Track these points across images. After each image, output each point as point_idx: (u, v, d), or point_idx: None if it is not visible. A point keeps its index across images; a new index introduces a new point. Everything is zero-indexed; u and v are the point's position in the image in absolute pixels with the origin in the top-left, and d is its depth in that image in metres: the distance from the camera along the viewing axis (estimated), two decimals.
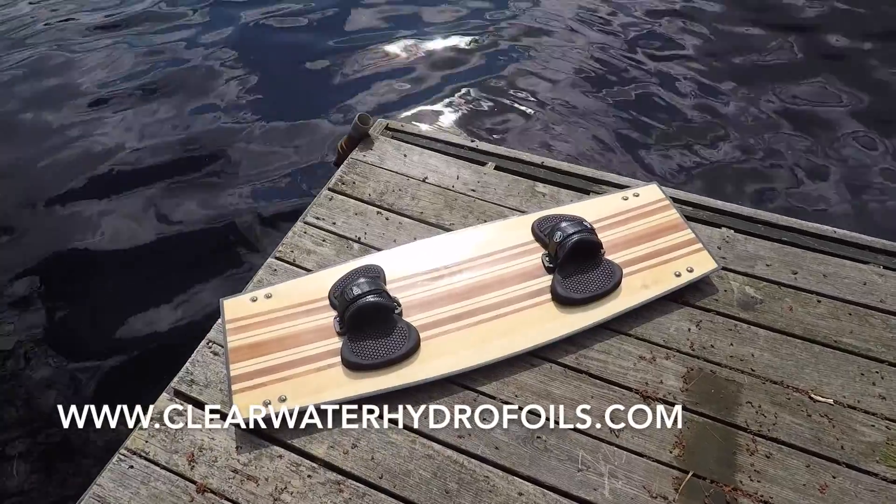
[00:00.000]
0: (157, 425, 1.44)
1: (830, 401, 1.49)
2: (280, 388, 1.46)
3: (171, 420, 1.45)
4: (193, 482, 1.35)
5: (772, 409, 1.47)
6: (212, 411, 1.47)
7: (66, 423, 1.83)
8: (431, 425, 1.45)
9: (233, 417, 1.42)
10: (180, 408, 1.47)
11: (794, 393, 1.50)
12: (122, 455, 1.40)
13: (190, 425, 1.44)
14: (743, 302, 1.69)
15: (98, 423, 1.70)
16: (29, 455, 1.84)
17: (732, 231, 1.88)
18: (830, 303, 1.69)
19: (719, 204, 1.97)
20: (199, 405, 1.48)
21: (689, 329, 1.63)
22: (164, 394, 1.51)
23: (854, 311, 1.67)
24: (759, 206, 2.00)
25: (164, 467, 1.38)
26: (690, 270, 1.70)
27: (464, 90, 3.31)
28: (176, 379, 1.53)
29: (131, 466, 1.38)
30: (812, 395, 1.50)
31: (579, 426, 1.44)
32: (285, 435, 1.42)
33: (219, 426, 1.44)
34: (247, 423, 1.43)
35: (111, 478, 1.36)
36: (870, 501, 1.32)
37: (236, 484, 1.35)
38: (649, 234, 1.79)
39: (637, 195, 1.91)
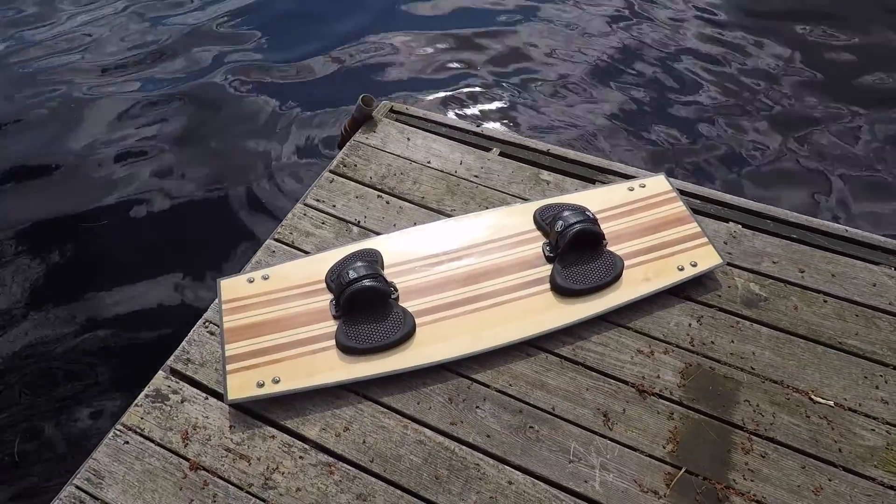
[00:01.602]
0: (152, 402, 1.46)
1: (831, 403, 1.46)
2: (274, 369, 1.47)
3: (167, 398, 1.47)
4: (187, 459, 1.37)
5: (770, 408, 1.45)
6: (207, 390, 1.48)
7: (63, 399, 1.87)
8: (424, 411, 1.44)
9: (227, 397, 1.43)
10: (176, 386, 1.49)
11: (793, 393, 1.48)
12: (118, 431, 1.42)
13: (185, 403, 1.46)
14: (746, 299, 1.66)
15: (96, 400, 1.72)
16: (28, 431, 1.87)
17: (740, 226, 1.84)
18: (837, 303, 1.65)
19: (728, 198, 1.93)
20: (195, 384, 1.49)
21: (690, 324, 1.61)
22: (160, 371, 1.52)
23: (861, 313, 1.63)
24: (770, 202, 1.95)
25: (158, 444, 1.39)
26: (694, 265, 1.67)
27: (472, 75, 3.26)
28: (172, 357, 1.54)
29: (126, 442, 1.40)
30: (812, 397, 1.47)
31: (573, 418, 1.44)
32: (278, 416, 1.43)
33: (213, 405, 1.45)
34: (240, 403, 1.43)
35: (107, 452, 1.38)
36: None
37: (229, 462, 1.36)
38: (654, 227, 1.76)
39: (643, 186, 1.87)
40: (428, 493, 1.32)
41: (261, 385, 1.44)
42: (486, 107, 3.09)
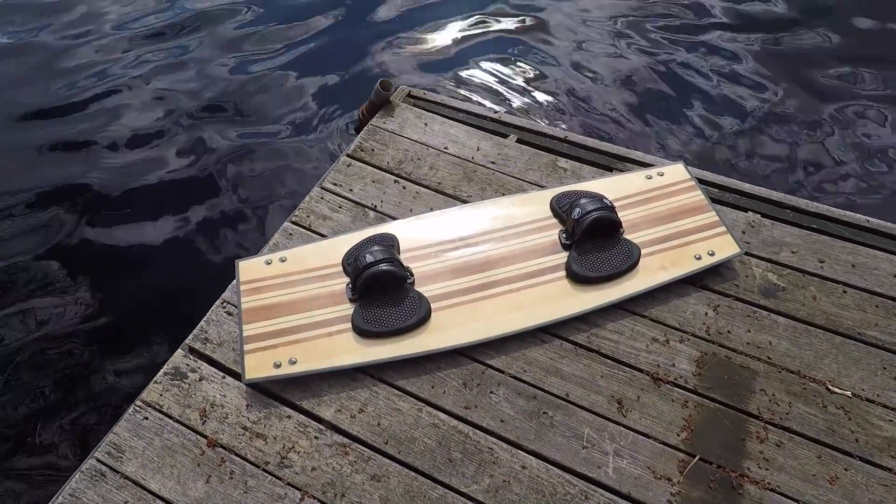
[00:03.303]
0: (171, 380, 1.48)
1: (848, 393, 1.45)
2: (291, 350, 1.48)
3: (185, 376, 1.49)
4: (204, 436, 1.39)
5: (786, 398, 1.44)
6: (224, 369, 1.50)
7: (84, 374, 1.90)
8: (438, 395, 1.45)
9: (244, 377, 1.44)
10: (194, 364, 1.51)
11: (810, 383, 1.47)
12: (138, 406, 1.44)
13: (203, 382, 1.48)
14: (764, 289, 1.65)
15: (116, 375, 1.74)
16: (49, 406, 1.90)
17: (759, 216, 1.82)
18: (857, 294, 1.63)
19: (747, 187, 1.91)
20: (213, 363, 1.51)
21: (706, 313, 1.60)
22: (179, 350, 1.54)
23: (882, 304, 1.61)
24: (791, 192, 1.93)
25: (177, 420, 1.42)
26: (711, 254, 1.65)
27: (491, 61, 3.24)
28: (191, 336, 1.56)
29: (146, 418, 1.42)
30: (829, 387, 1.46)
31: (587, 404, 1.44)
32: (294, 396, 1.45)
33: (230, 384, 1.47)
34: (257, 383, 1.45)
35: (127, 427, 1.41)
36: (881, 496, 1.29)
37: (245, 441, 1.38)
38: (671, 215, 1.75)
39: (662, 174, 1.86)
40: (441, 475, 1.33)
41: (278, 366, 1.45)
42: (505, 93, 3.06)
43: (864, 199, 2.50)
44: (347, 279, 1.60)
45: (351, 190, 1.91)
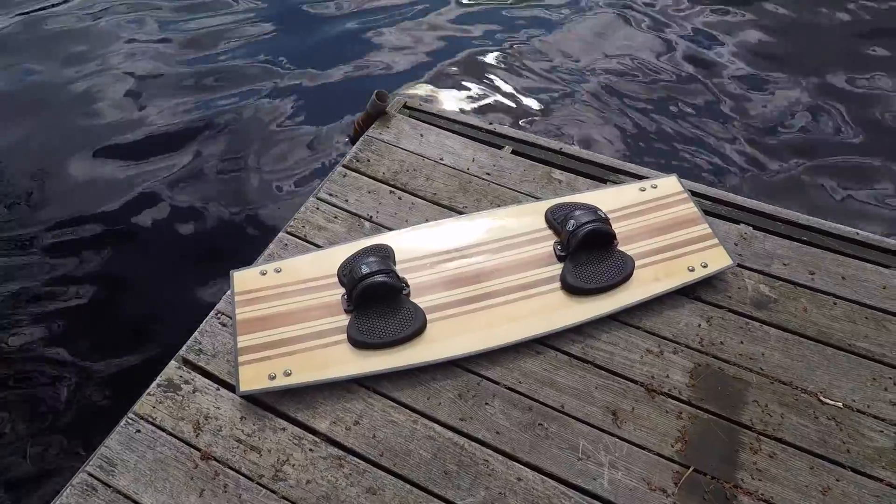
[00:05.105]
0: (164, 392, 1.47)
1: (840, 404, 1.46)
2: (286, 362, 1.47)
3: (179, 388, 1.47)
4: (198, 449, 1.38)
5: (778, 409, 1.46)
6: (218, 381, 1.49)
7: (75, 386, 1.88)
8: (434, 407, 1.45)
9: (238, 388, 1.43)
10: (188, 376, 1.50)
11: (802, 394, 1.48)
12: (130, 419, 1.43)
13: (196, 394, 1.47)
14: (756, 300, 1.66)
15: (107, 388, 1.73)
16: (40, 420, 1.88)
17: (751, 228, 1.84)
18: (847, 305, 1.65)
19: (739, 199, 1.93)
20: (206, 374, 1.50)
21: (700, 325, 1.61)
22: (172, 361, 1.53)
23: (871, 316, 1.63)
24: (781, 204, 1.95)
25: (170, 433, 1.40)
26: (704, 266, 1.67)
27: (486, 73, 3.26)
28: (184, 347, 1.55)
29: (138, 431, 1.41)
30: (821, 398, 1.47)
31: (582, 416, 1.44)
32: (289, 408, 1.44)
33: (224, 396, 1.46)
34: (252, 395, 1.44)
35: (119, 440, 1.39)
36: None
37: (240, 453, 1.37)
38: (665, 227, 1.76)
39: (655, 187, 1.88)
40: (437, 487, 1.33)
41: (272, 377, 1.45)
42: (500, 104, 3.09)
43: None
44: (343, 290, 1.60)
45: (346, 200, 1.91)
